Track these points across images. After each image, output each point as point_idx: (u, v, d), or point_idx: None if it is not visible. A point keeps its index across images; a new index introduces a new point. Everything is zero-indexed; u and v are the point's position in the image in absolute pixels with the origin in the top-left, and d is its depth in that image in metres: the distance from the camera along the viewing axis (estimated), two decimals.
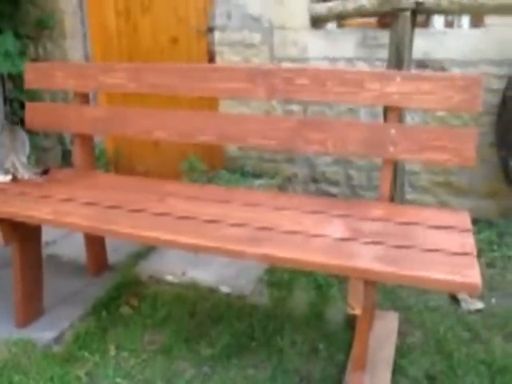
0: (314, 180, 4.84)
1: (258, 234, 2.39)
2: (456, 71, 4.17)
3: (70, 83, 3.46)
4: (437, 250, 2.21)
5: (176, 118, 3.25)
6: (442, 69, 4.21)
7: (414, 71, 3.70)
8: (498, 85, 4.04)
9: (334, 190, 4.81)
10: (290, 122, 3.01)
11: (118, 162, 5.62)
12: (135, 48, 5.43)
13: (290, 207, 2.74)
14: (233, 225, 2.51)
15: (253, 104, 4.84)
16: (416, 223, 2.51)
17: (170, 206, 2.76)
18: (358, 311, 2.19)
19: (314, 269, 2.35)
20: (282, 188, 4.78)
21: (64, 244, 4.07)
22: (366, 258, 2.14)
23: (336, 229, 2.44)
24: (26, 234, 2.98)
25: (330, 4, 3.67)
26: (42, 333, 3.02)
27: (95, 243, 3.64)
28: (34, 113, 3.60)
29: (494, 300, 3.37)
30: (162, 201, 2.84)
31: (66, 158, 5.61)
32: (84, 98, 3.50)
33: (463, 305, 3.30)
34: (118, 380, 2.70)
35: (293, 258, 2.21)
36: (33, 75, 3.59)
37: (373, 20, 4.75)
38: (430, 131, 2.80)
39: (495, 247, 3.90)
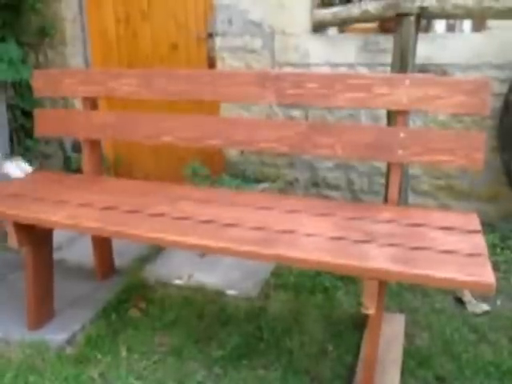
0: (315, 184, 4.87)
1: (274, 237, 2.42)
2: (458, 75, 4.21)
3: (79, 90, 3.47)
4: (449, 251, 2.25)
5: (185, 122, 3.26)
6: (444, 73, 4.23)
7: (421, 75, 3.72)
8: (500, 89, 4.06)
9: (335, 194, 4.84)
10: (300, 126, 3.03)
11: (117, 167, 5.65)
12: (135, 54, 5.46)
13: (301, 210, 2.76)
14: (251, 228, 2.53)
15: (254, 108, 4.87)
16: (427, 225, 2.54)
17: (185, 210, 2.77)
18: (371, 311, 2.21)
19: (330, 270, 2.36)
20: (283, 192, 4.79)
21: (70, 249, 4.11)
22: (382, 259, 2.17)
23: (349, 231, 2.47)
24: (39, 238, 3.01)
25: (334, 9, 3.69)
26: (55, 335, 3.05)
27: (103, 247, 3.66)
28: (42, 119, 3.62)
29: (499, 302, 3.40)
30: (176, 204, 2.85)
31: (67, 165, 5.62)
32: (93, 104, 3.52)
33: (468, 307, 3.33)
34: (131, 381, 2.73)
35: (310, 259, 2.24)
36: (42, 83, 3.59)
37: (374, 25, 4.78)
38: (439, 134, 2.82)
39: (498, 250, 3.92)
